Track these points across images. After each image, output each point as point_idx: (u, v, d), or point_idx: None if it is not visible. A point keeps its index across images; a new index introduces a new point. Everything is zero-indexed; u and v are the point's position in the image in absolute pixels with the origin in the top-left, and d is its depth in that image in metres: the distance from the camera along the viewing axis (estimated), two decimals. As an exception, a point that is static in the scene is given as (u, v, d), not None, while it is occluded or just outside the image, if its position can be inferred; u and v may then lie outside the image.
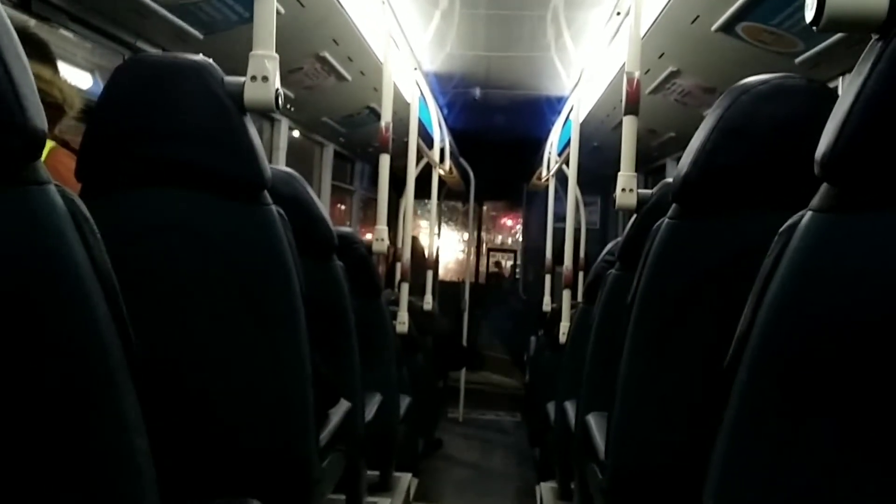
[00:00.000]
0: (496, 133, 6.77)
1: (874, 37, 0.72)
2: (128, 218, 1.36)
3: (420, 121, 3.94)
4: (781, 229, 0.78)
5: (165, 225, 1.35)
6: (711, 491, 0.82)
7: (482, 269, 8.15)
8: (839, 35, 2.00)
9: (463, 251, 7.88)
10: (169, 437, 1.34)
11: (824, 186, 0.75)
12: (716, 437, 0.82)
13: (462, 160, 6.27)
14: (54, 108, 1.56)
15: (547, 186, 5.22)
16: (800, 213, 0.76)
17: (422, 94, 3.88)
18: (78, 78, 2.38)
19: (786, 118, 1.23)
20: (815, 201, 0.75)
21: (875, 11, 0.71)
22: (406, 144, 3.64)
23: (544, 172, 5.26)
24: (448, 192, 7.10)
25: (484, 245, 8.24)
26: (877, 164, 0.71)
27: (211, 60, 1.36)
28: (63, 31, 2.19)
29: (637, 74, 2.11)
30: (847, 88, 0.73)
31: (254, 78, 1.34)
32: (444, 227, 8.17)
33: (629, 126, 2.09)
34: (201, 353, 1.39)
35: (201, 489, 1.41)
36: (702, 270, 1.31)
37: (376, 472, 3.10)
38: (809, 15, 0.75)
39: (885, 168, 0.71)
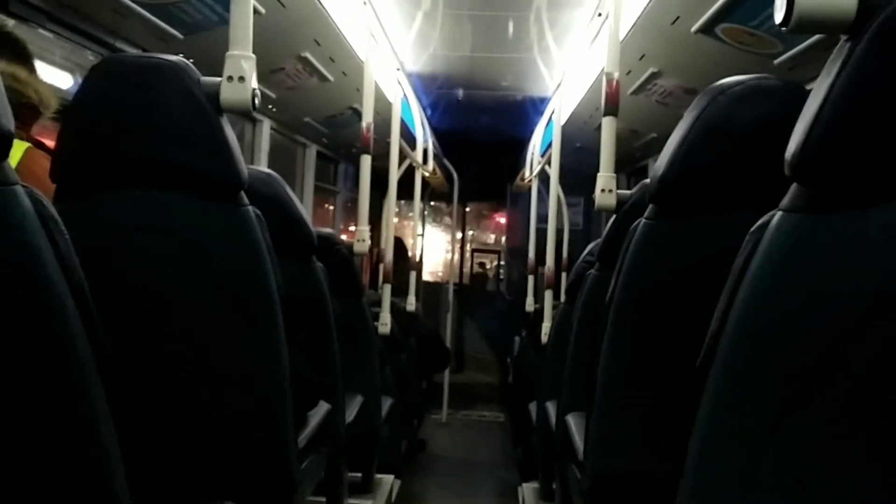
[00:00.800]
0: (480, 134, 6.78)
1: (843, 38, 0.73)
2: (104, 219, 1.35)
3: (403, 122, 3.94)
4: (752, 229, 0.78)
5: (141, 226, 1.34)
6: (686, 491, 0.82)
7: (466, 269, 8.15)
8: (817, 37, 2.02)
9: (448, 251, 7.88)
10: (146, 439, 1.34)
11: (794, 187, 0.75)
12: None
13: (446, 161, 6.27)
14: (30, 109, 1.55)
15: (530, 187, 5.23)
16: (770, 213, 0.77)
17: (404, 94, 3.88)
18: (57, 78, 2.36)
19: (762, 119, 1.24)
20: (784, 201, 0.76)
21: (844, 13, 0.71)
22: (389, 145, 3.64)
23: (527, 173, 5.27)
24: (432, 193, 7.09)
25: (468, 245, 8.24)
26: (845, 165, 0.71)
27: (187, 60, 1.35)
28: (42, 31, 2.17)
29: (616, 75, 2.12)
30: (816, 89, 0.73)
31: (230, 78, 1.33)
32: (429, 227, 8.18)
33: (608, 127, 2.10)
34: (178, 354, 1.38)
35: (178, 491, 1.41)
36: (679, 271, 1.31)
37: (358, 474, 3.10)
38: (779, 16, 0.76)
39: (854, 168, 0.71)
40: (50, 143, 1.49)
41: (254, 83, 1.36)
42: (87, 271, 0.80)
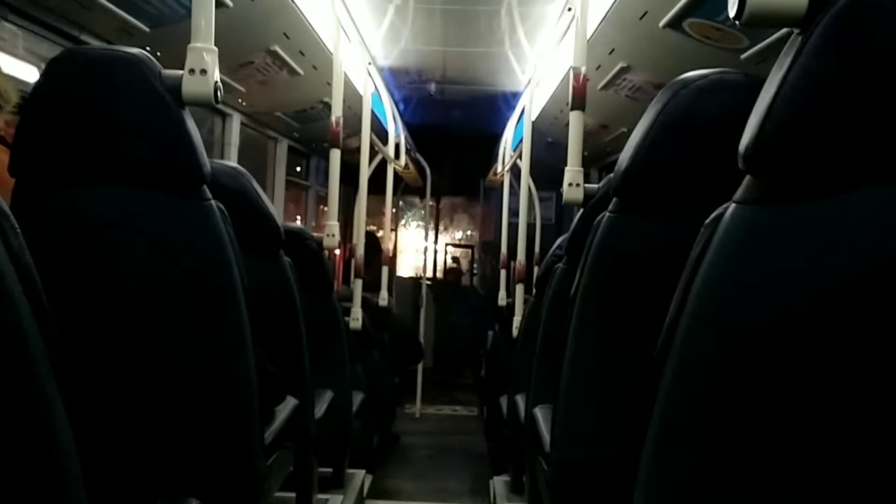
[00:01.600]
0: (453, 128, 6.78)
1: (795, 31, 0.73)
2: (64, 214, 1.33)
3: (375, 116, 3.93)
4: (707, 221, 0.79)
5: (103, 221, 1.33)
6: (643, 480, 0.83)
7: (440, 264, 8.15)
8: (783, 31, 2.04)
9: (423, 247, 7.87)
10: (108, 437, 1.32)
11: (747, 179, 0.76)
12: (650, 428, 0.83)
13: (418, 156, 6.26)
14: None
15: (503, 182, 5.25)
16: (724, 206, 0.77)
17: (376, 88, 3.87)
18: (21, 71, 2.33)
19: (724, 113, 1.25)
20: (738, 193, 0.76)
21: (795, 6, 0.72)
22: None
23: (499, 168, 5.28)
24: (405, 188, 7.09)
25: (440, 240, 8.24)
26: (797, 157, 0.72)
27: (153, 54, 1.33)
28: (5, 23, 2.14)
29: (584, 70, 2.13)
30: (769, 82, 0.74)
31: (192, 71, 1.32)
32: (404, 222, 8.16)
33: (576, 121, 2.11)
34: (140, 350, 1.36)
35: (142, 489, 1.39)
36: (641, 263, 1.32)
37: (329, 469, 3.09)
38: (732, 10, 0.77)
39: (806, 160, 0.72)
40: (10, 137, 1.47)
41: (216, 76, 1.34)
42: (46, 267, 0.78)
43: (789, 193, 0.73)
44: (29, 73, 2.36)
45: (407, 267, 8.20)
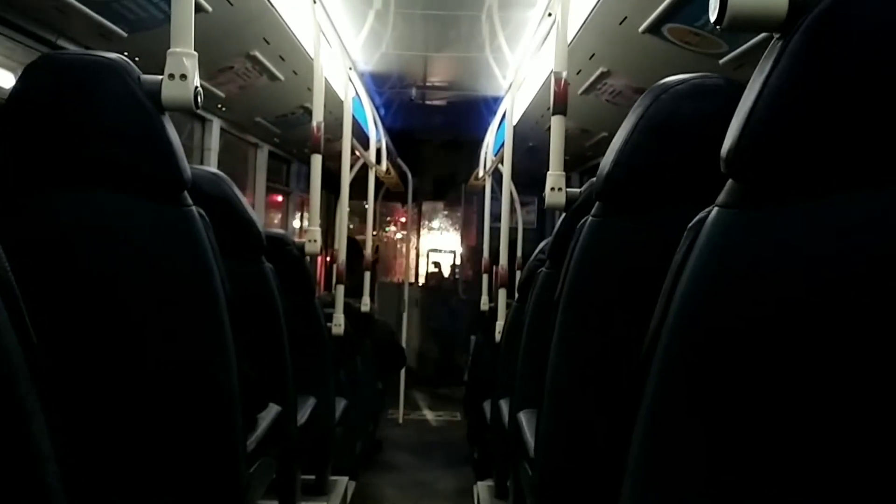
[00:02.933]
0: (434, 133, 6.79)
1: (775, 36, 0.74)
2: (42, 220, 1.32)
3: (356, 121, 3.91)
4: (690, 225, 0.79)
5: (82, 227, 1.31)
6: (629, 483, 0.83)
7: (422, 269, 8.13)
8: (761, 36, 2.06)
9: (404, 252, 7.86)
10: (88, 442, 1.31)
11: (730, 182, 0.76)
12: (635, 432, 0.83)
13: (400, 161, 6.26)
14: None
15: (485, 186, 5.25)
16: (707, 210, 0.78)
17: (357, 93, 3.86)
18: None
19: (704, 117, 1.26)
20: (721, 197, 0.77)
21: (775, 11, 0.72)
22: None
23: (481, 172, 5.29)
24: (387, 193, 7.08)
25: (422, 245, 8.22)
26: (779, 160, 0.72)
27: (131, 59, 1.32)
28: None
29: (565, 75, 2.13)
30: (750, 87, 0.75)
31: (171, 76, 1.31)
32: (386, 227, 8.14)
33: (557, 126, 2.11)
34: (121, 356, 1.35)
35: (123, 497, 1.38)
36: (625, 267, 1.33)
37: (312, 476, 3.07)
38: (713, 15, 0.77)
39: (787, 164, 0.72)
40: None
41: (196, 81, 1.33)
42: (24, 272, 0.77)
43: (771, 197, 0.73)
44: (5, 79, 2.33)
45: (389, 272, 8.17)
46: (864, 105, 0.70)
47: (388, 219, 8.03)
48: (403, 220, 7.74)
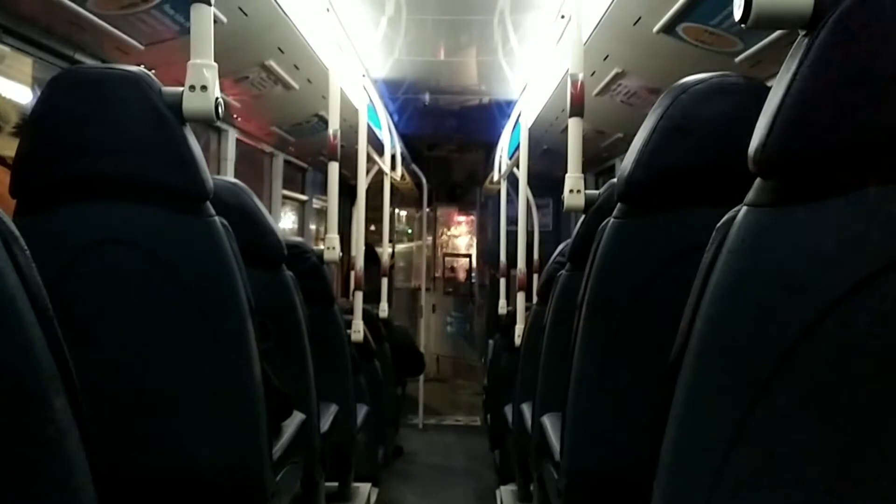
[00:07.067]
0: (448, 138, 6.79)
1: (801, 33, 0.73)
2: (68, 234, 1.33)
3: (370, 128, 3.92)
4: (718, 225, 0.78)
5: (107, 239, 1.32)
6: (660, 485, 0.82)
7: (438, 274, 8.13)
8: (777, 34, 2.05)
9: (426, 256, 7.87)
10: (115, 456, 1.32)
11: (758, 181, 0.76)
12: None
13: (414, 166, 6.27)
14: None
15: (500, 190, 5.25)
16: (736, 209, 0.77)
17: (371, 100, 3.87)
18: (16, 92, 2.32)
19: (724, 116, 1.25)
20: (749, 196, 0.76)
21: (801, 8, 0.72)
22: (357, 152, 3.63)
23: (496, 176, 5.29)
24: (402, 199, 7.09)
25: (440, 250, 8.22)
26: (807, 158, 0.72)
27: (147, 71, 1.33)
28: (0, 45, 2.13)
29: (581, 77, 2.13)
30: (776, 84, 0.74)
31: (192, 87, 1.32)
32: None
33: (575, 128, 2.11)
34: (147, 370, 1.36)
35: (151, 508, 1.39)
36: (648, 268, 1.32)
37: (335, 483, 3.07)
38: (738, 13, 0.77)
39: (815, 161, 0.72)
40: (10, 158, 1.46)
41: (217, 92, 1.34)
42: (49, 287, 0.78)
43: (800, 194, 0.73)
44: (23, 95, 2.35)
45: (407, 277, 8.17)
46: (894, 98, 0.69)
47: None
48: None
